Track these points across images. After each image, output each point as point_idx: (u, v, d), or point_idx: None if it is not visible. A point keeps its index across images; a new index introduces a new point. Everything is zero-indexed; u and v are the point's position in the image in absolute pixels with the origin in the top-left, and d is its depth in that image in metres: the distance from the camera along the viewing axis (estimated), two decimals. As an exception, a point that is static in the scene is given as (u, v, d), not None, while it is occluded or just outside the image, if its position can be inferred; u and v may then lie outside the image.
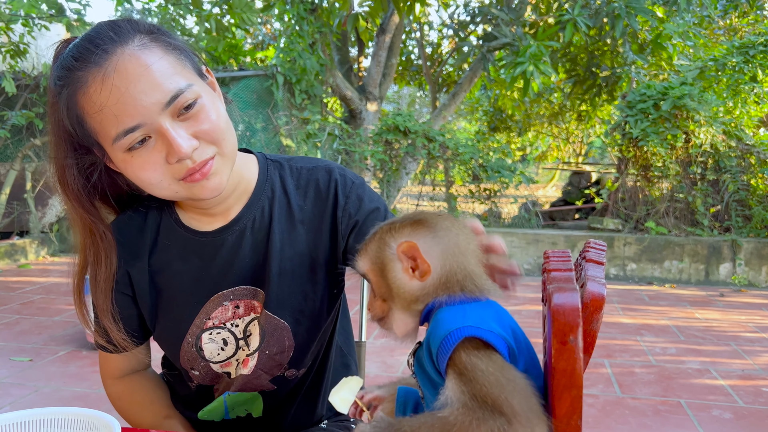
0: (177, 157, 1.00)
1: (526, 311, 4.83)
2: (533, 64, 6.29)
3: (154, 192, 1.07)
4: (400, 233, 0.77)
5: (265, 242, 1.18)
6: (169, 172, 1.03)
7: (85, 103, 0.99)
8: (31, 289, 5.42)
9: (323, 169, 1.23)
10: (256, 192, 1.20)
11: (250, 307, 1.18)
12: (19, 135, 7.09)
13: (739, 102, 6.75)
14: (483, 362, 0.65)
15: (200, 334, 1.18)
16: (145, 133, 0.99)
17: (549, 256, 0.72)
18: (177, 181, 1.04)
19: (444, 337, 0.67)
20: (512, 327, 0.72)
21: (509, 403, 0.62)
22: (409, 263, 0.75)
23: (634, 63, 7.42)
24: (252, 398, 1.26)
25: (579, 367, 0.60)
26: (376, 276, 0.78)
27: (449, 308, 0.72)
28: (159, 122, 0.99)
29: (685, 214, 6.50)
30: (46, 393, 3.17)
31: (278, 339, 1.18)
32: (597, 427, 2.87)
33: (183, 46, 1.07)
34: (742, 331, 4.44)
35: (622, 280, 6.26)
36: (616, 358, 3.83)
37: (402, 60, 11.29)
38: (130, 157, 1.02)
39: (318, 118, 7.53)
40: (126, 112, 0.97)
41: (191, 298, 1.18)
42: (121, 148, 1.01)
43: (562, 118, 11.69)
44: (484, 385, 0.63)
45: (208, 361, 1.20)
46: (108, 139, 1.01)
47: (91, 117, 1.00)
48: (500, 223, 7.15)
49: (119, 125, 0.98)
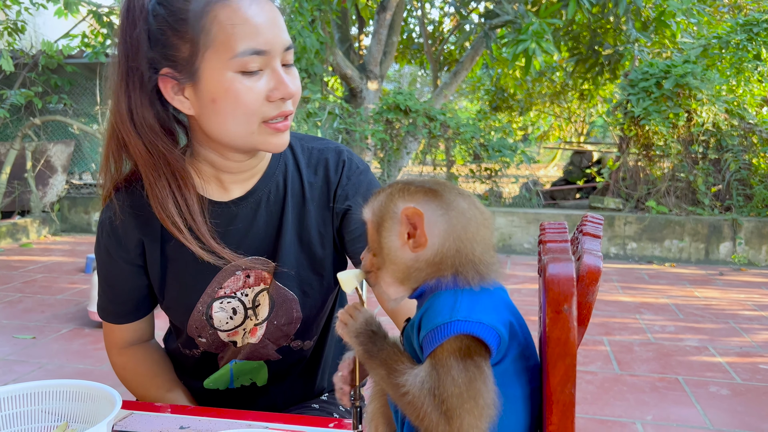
0: (282, 94, 1.03)
1: (526, 290, 4.86)
2: (535, 42, 6.23)
3: (230, 126, 1.05)
4: (411, 196, 0.74)
5: (279, 215, 1.19)
6: (261, 109, 1.04)
7: (226, 14, 0.99)
8: (33, 267, 5.45)
9: (333, 150, 1.25)
10: (271, 166, 1.21)
11: (260, 278, 1.19)
12: (18, 114, 7.07)
13: (742, 80, 6.71)
14: (457, 369, 0.65)
15: (211, 302, 1.19)
16: (263, 63, 1.02)
17: (545, 228, 0.72)
18: (259, 123, 1.06)
19: (433, 329, 0.67)
20: (508, 309, 0.71)
21: (460, 419, 0.64)
22: (407, 229, 0.73)
23: (637, 41, 7.35)
24: (258, 367, 1.28)
25: (573, 336, 0.61)
26: (373, 229, 0.76)
27: (445, 292, 0.70)
28: (276, 60, 1.03)
29: (686, 193, 6.49)
30: (49, 370, 3.20)
31: (287, 310, 1.21)
32: (595, 403, 2.90)
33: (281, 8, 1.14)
34: (740, 310, 4.46)
35: (623, 259, 6.28)
36: (615, 335, 3.86)
37: (403, 38, 11.20)
38: (239, 77, 1.01)
39: (318, 97, 7.49)
40: (264, 35, 1.01)
41: (204, 268, 1.17)
42: (237, 66, 1.00)
43: (564, 97, 11.63)
44: (447, 391, 0.64)
45: (216, 329, 1.22)
46: (228, 53, 1.00)
47: (223, 27, 0.99)
48: (501, 203, 7.15)
49: (252, 42, 1.00)
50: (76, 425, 0.99)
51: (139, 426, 1.05)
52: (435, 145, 7.24)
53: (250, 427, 1.04)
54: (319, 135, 7.52)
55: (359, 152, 7.25)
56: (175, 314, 1.25)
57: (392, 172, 7.22)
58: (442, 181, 0.77)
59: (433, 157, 7.37)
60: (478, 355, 0.66)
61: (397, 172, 7.45)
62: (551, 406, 0.64)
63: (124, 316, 1.25)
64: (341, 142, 7.07)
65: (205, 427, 1.04)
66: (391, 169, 7.19)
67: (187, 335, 1.25)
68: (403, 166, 7.70)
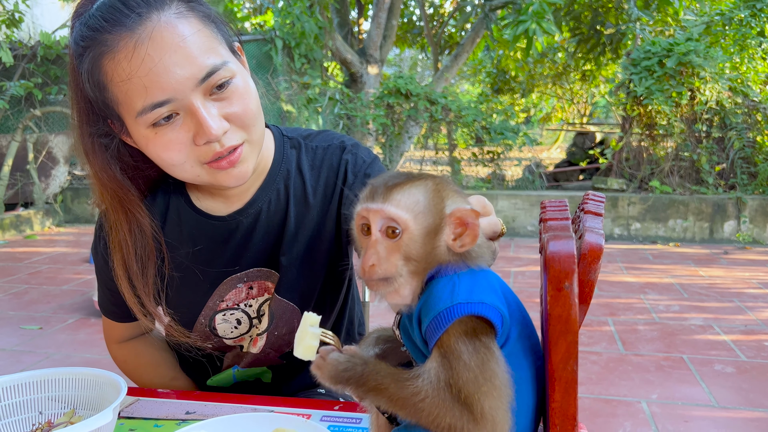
0: (206, 139, 0.94)
1: (530, 272, 4.86)
2: (536, 22, 6.18)
3: (175, 173, 1.01)
4: (454, 194, 0.71)
5: (280, 225, 1.14)
6: (193, 153, 0.96)
7: (111, 70, 0.91)
8: (38, 259, 5.47)
9: (337, 147, 1.18)
10: (271, 172, 1.15)
11: (264, 288, 1.16)
12: (18, 106, 7.06)
13: (746, 57, 6.64)
14: (467, 352, 0.64)
15: (213, 315, 1.17)
16: (173, 109, 0.92)
17: (546, 206, 0.72)
18: (201, 165, 0.98)
19: (435, 316, 0.66)
20: (503, 291, 0.71)
21: (480, 404, 0.63)
22: (456, 230, 0.70)
23: (639, 19, 7.28)
24: (261, 372, 1.28)
25: (574, 313, 0.61)
26: (422, 231, 0.69)
27: (442, 279, 0.70)
28: (190, 99, 0.92)
29: (689, 172, 6.46)
30: (56, 359, 3.22)
31: (287, 321, 1.17)
32: (600, 383, 2.91)
33: (219, 19, 1.00)
34: (745, 288, 4.46)
35: (626, 239, 6.27)
36: (620, 316, 3.86)
37: (403, 22, 11.11)
38: (153, 133, 0.94)
39: (318, 83, 7.45)
40: (157, 85, 0.90)
41: (203, 282, 1.15)
42: (146, 122, 0.93)
43: (566, 79, 11.54)
44: (462, 378, 0.63)
45: (221, 337, 1.20)
46: (132, 112, 0.93)
47: (115, 85, 0.92)
48: (504, 186, 7.13)
49: (147, 98, 0.91)
50: (83, 412, 1.00)
51: (146, 412, 1.06)
52: (437, 129, 7.21)
53: (255, 411, 1.05)
54: (320, 121, 7.50)
55: (360, 138, 7.23)
56: (179, 323, 1.22)
57: (394, 157, 7.20)
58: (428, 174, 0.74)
59: (435, 141, 7.34)
60: (485, 335, 0.66)
61: (399, 156, 7.43)
62: (554, 383, 0.64)
63: (124, 316, 1.23)
64: (342, 127, 7.04)
65: (211, 412, 1.04)
66: (393, 154, 7.17)
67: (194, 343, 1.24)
68: (404, 151, 7.68)
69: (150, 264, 1.09)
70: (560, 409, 0.64)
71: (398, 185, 0.70)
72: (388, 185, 0.70)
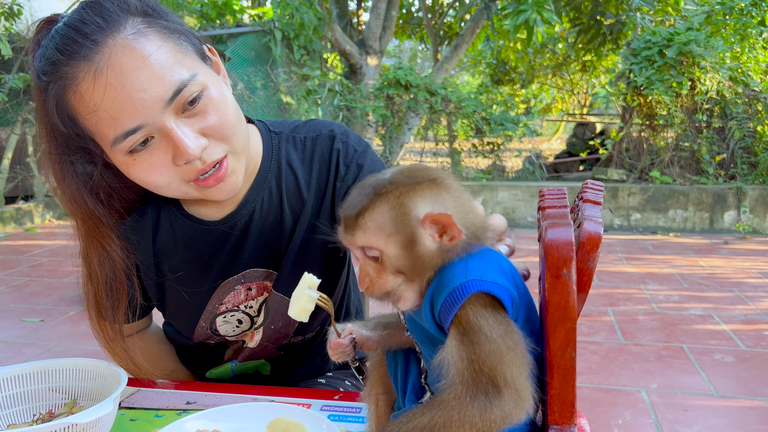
0: (185, 160, 0.91)
1: (530, 263, 4.86)
2: (536, 12, 6.15)
3: (163, 193, 0.98)
4: (422, 198, 0.68)
5: (275, 223, 1.12)
6: (177, 173, 0.94)
7: (77, 103, 0.88)
8: (38, 252, 5.48)
9: (327, 136, 1.14)
10: (261, 171, 1.12)
11: (263, 288, 1.16)
12: (17, 98, 7.04)
13: (747, 47, 6.61)
14: (488, 324, 0.63)
15: (214, 318, 1.17)
16: (147, 134, 0.89)
17: (544, 194, 0.72)
18: (187, 183, 0.96)
19: (449, 293, 0.65)
20: (512, 274, 0.71)
21: (503, 374, 0.63)
22: (437, 231, 0.68)
23: (639, 9, 7.24)
24: (259, 365, 1.28)
25: (573, 300, 0.61)
26: (398, 248, 0.68)
27: (452, 263, 0.69)
28: (162, 121, 0.88)
29: (690, 162, 6.45)
30: (58, 352, 3.23)
31: (283, 315, 1.16)
32: (600, 373, 2.92)
33: (182, 28, 0.95)
34: (745, 278, 4.46)
35: (627, 230, 6.27)
36: (620, 306, 3.87)
37: (402, 12, 11.06)
38: (132, 160, 0.91)
39: (318, 74, 7.43)
40: (124, 113, 0.86)
41: (200, 286, 1.14)
42: (122, 150, 0.90)
43: (566, 69, 11.50)
44: (484, 351, 0.63)
45: (223, 336, 1.21)
46: (106, 141, 0.90)
47: (84, 118, 0.89)
48: (504, 177, 7.13)
49: (117, 127, 0.87)
50: (83, 402, 1.01)
51: (146, 402, 1.06)
52: (437, 120, 7.20)
53: (255, 401, 1.05)
54: (320, 112, 7.48)
55: (360, 129, 7.21)
56: (180, 327, 1.22)
57: (394, 148, 7.19)
58: (419, 166, 0.73)
59: (435, 133, 7.33)
60: (503, 310, 0.66)
61: (399, 148, 7.42)
62: (552, 370, 0.64)
63: None
64: (342, 119, 7.02)
65: (212, 402, 1.05)
66: (393, 146, 7.16)
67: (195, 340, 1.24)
68: (405, 142, 7.66)
69: (122, 296, 1.07)
70: (559, 396, 0.64)
71: (363, 211, 0.69)
72: (356, 211, 0.70)
